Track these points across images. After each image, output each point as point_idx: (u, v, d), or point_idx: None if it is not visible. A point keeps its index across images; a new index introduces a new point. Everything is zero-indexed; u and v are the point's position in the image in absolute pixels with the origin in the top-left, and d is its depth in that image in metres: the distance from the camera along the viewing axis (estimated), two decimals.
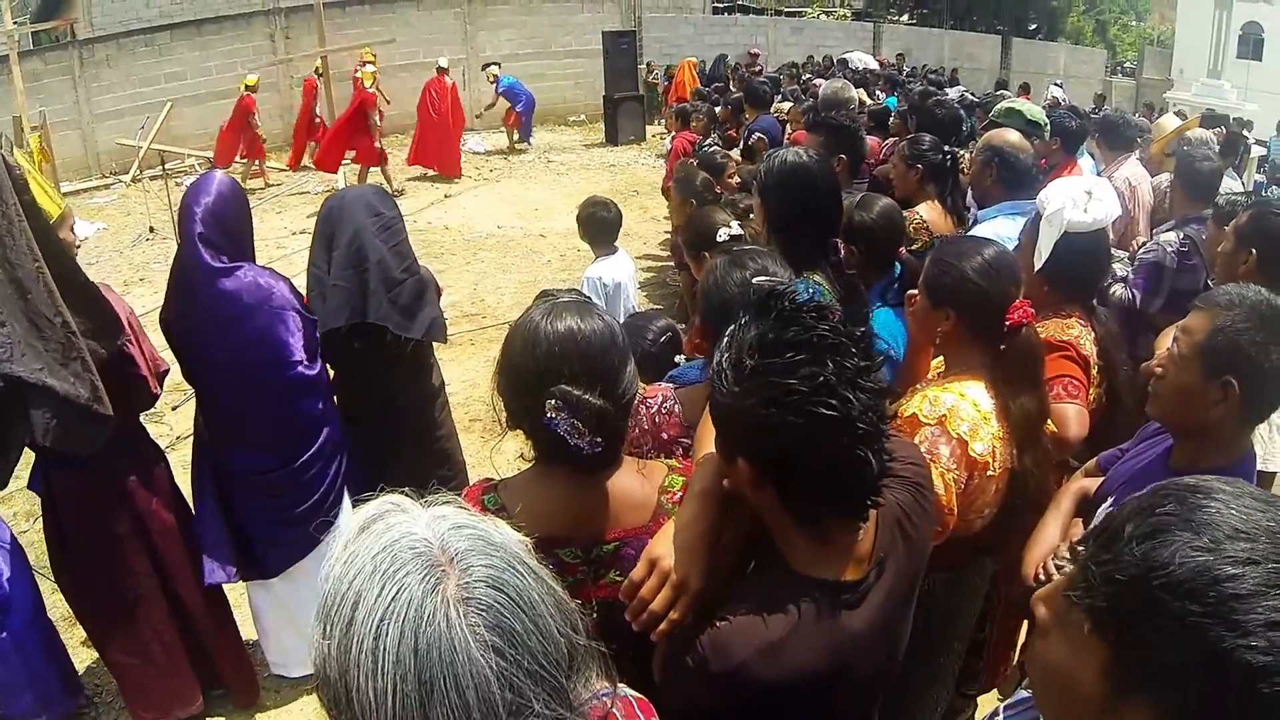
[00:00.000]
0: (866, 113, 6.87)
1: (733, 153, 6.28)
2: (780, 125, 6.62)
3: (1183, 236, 3.86)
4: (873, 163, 5.22)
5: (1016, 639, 2.77)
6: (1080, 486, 2.21)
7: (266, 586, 3.38)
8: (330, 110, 14.26)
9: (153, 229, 10.56)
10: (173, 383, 3.60)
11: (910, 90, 8.99)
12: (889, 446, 1.36)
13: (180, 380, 3.31)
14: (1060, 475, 2.42)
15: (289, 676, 3.56)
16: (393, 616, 0.83)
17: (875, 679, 1.47)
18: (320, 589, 0.91)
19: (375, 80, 12.56)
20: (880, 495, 1.35)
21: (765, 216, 2.80)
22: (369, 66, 12.91)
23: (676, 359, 2.67)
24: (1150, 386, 1.94)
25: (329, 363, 3.18)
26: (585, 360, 1.50)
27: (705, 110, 8.47)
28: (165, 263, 9.21)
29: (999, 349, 2.14)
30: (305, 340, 3.06)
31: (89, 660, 3.72)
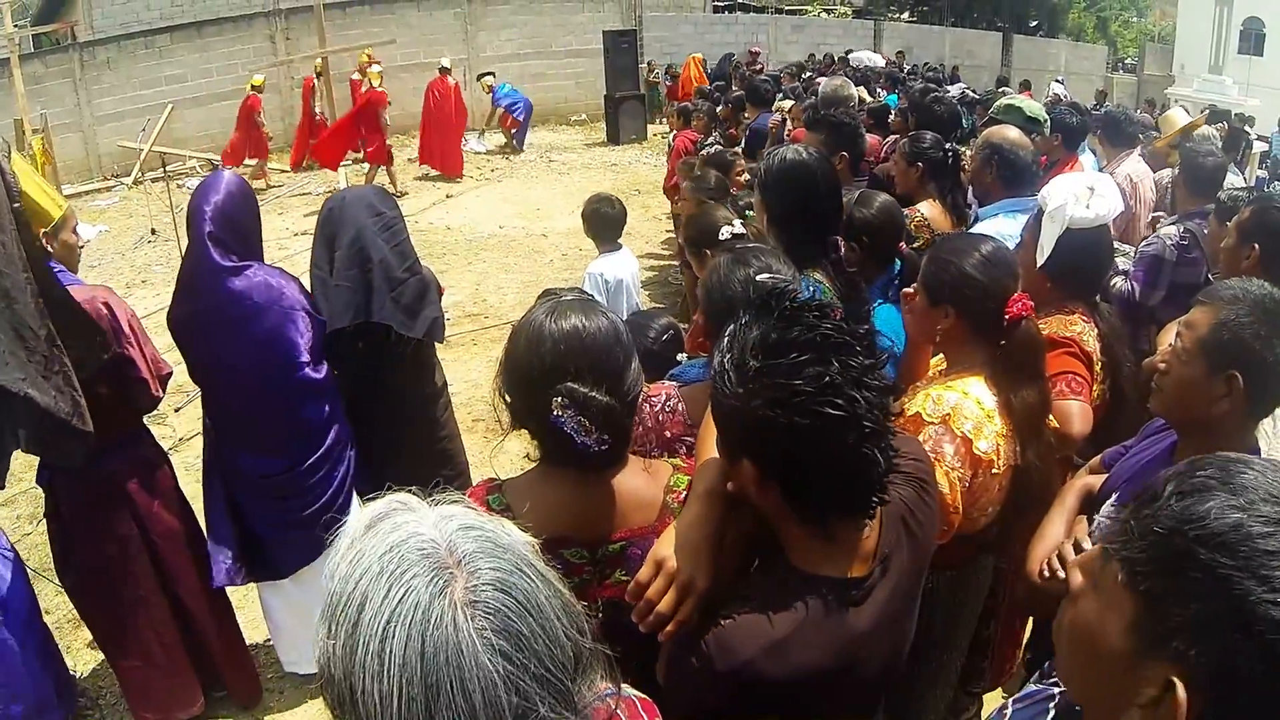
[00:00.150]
0: (866, 110, 6.85)
1: (735, 150, 6.27)
2: (782, 122, 6.60)
3: (1183, 230, 3.86)
4: (873, 161, 5.21)
5: (1021, 637, 2.76)
6: (1084, 484, 2.20)
7: (278, 587, 3.38)
8: (331, 110, 14.30)
9: (154, 231, 10.57)
10: (175, 384, 3.60)
11: (911, 88, 8.97)
12: (893, 443, 1.35)
13: (183, 382, 3.31)
14: (1064, 472, 2.41)
15: (300, 674, 3.57)
16: (399, 619, 0.82)
17: (881, 676, 1.47)
18: (325, 586, 0.90)
19: (381, 80, 12.61)
20: (886, 493, 1.35)
21: (765, 214, 2.80)
22: (376, 66, 12.99)
23: (678, 357, 2.66)
24: (1153, 382, 1.94)
25: (333, 363, 3.17)
26: (590, 358, 1.49)
27: (706, 109, 8.46)
28: (167, 265, 9.30)
29: (999, 344, 2.14)
30: (314, 342, 3.06)
31: (93, 662, 3.73)
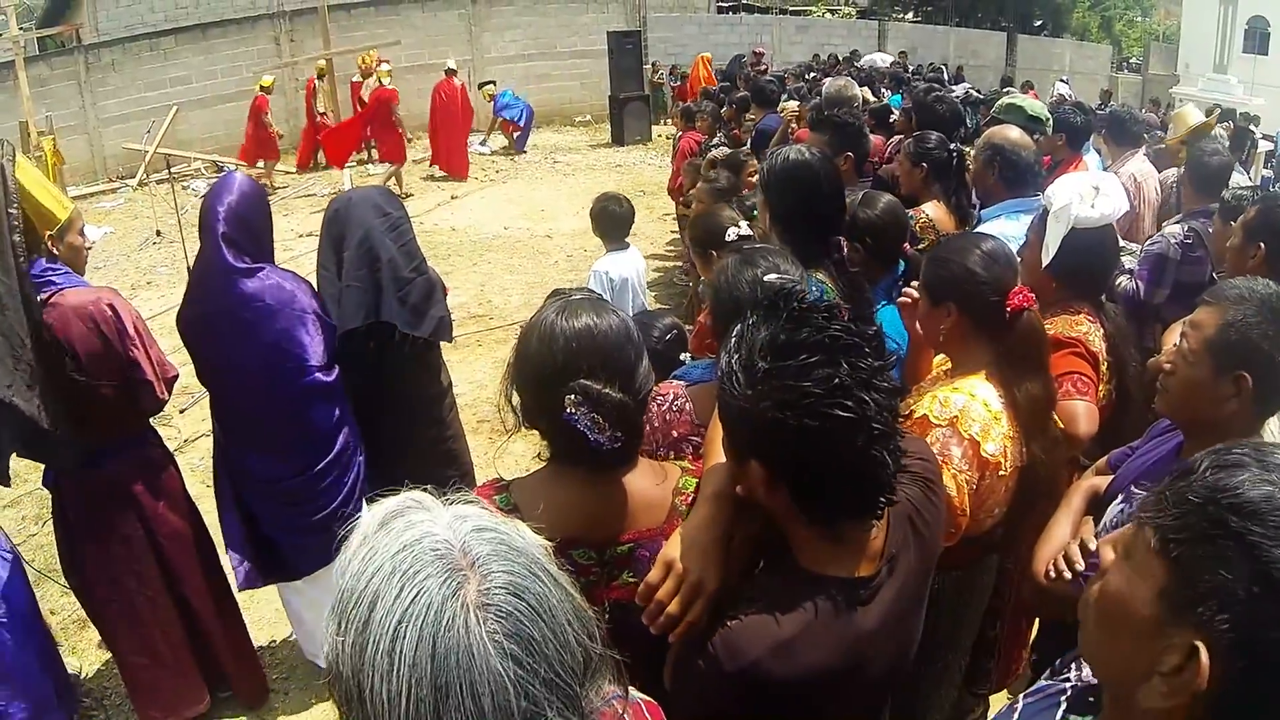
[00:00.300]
0: (867, 111, 6.84)
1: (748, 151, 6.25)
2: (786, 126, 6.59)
3: (1187, 229, 3.84)
4: (877, 161, 5.20)
5: (1027, 638, 2.76)
6: (1090, 485, 2.20)
7: (295, 587, 3.40)
8: (336, 110, 14.33)
9: (159, 233, 10.59)
10: (180, 386, 3.60)
11: (915, 88, 8.96)
12: (900, 444, 1.35)
13: (188, 383, 3.31)
14: (1071, 473, 2.40)
15: (321, 665, 3.56)
16: (411, 619, 0.82)
17: (888, 676, 1.46)
18: (336, 582, 0.90)
19: (390, 77, 12.70)
20: (894, 494, 1.35)
21: (768, 214, 2.80)
22: (385, 65, 13.05)
23: (682, 357, 2.67)
24: (1159, 383, 1.93)
25: (344, 363, 3.17)
26: (603, 355, 1.49)
27: (710, 110, 8.47)
28: (172, 266, 9.33)
29: (1003, 339, 2.14)
30: (324, 346, 3.06)
31: (98, 663, 3.74)
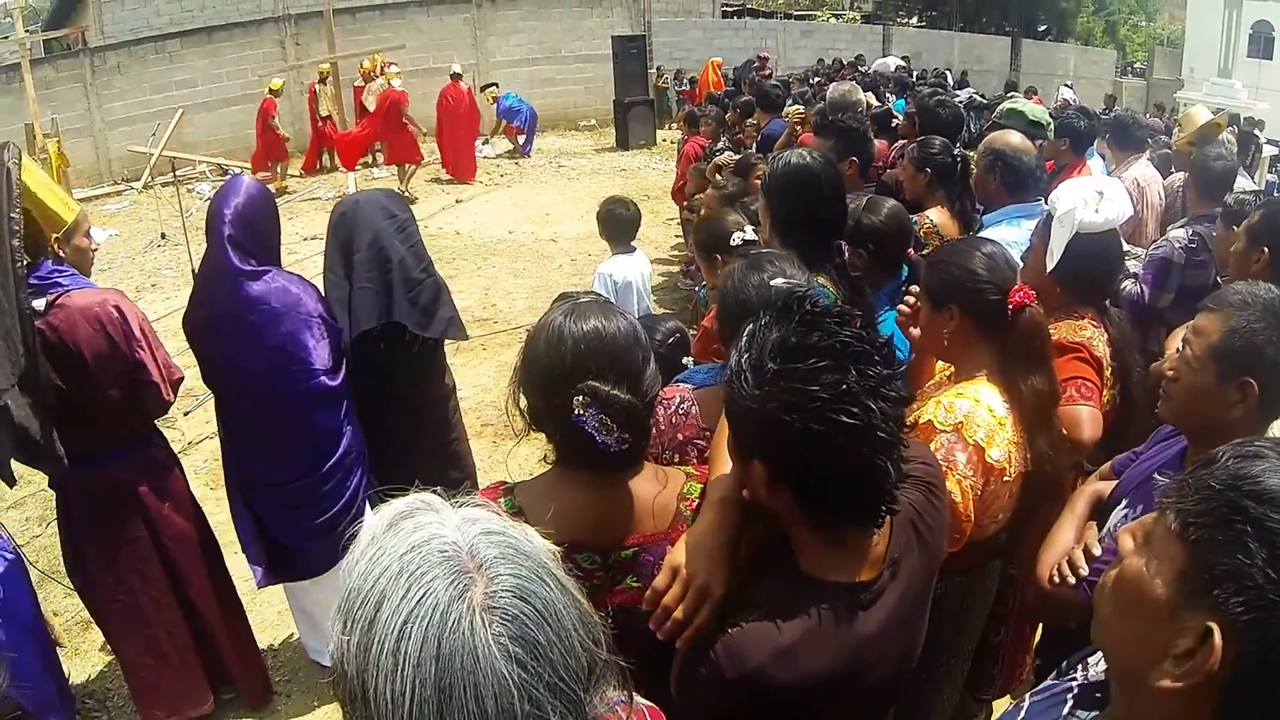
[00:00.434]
0: (869, 116, 6.83)
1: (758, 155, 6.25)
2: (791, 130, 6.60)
3: (1191, 233, 3.84)
4: (880, 166, 5.20)
5: (1031, 643, 2.75)
6: (1095, 490, 2.19)
7: (302, 585, 3.41)
8: (340, 114, 14.37)
9: (164, 235, 10.62)
10: (185, 388, 3.60)
11: (919, 93, 8.96)
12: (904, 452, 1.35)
13: (192, 385, 3.31)
14: (1075, 478, 2.40)
15: (324, 663, 3.57)
16: (416, 620, 0.82)
17: (890, 681, 1.46)
18: (343, 581, 0.90)
19: (400, 78, 12.77)
20: (897, 503, 1.35)
21: (769, 218, 2.80)
22: (394, 67, 13.11)
23: (684, 361, 2.67)
24: (1162, 389, 1.93)
25: (358, 366, 3.17)
26: (611, 357, 1.49)
27: (714, 114, 8.47)
28: (177, 269, 9.35)
29: (1006, 339, 2.14)
30: (330, 350, 3.07)
31: (101, 664, 3.75)
